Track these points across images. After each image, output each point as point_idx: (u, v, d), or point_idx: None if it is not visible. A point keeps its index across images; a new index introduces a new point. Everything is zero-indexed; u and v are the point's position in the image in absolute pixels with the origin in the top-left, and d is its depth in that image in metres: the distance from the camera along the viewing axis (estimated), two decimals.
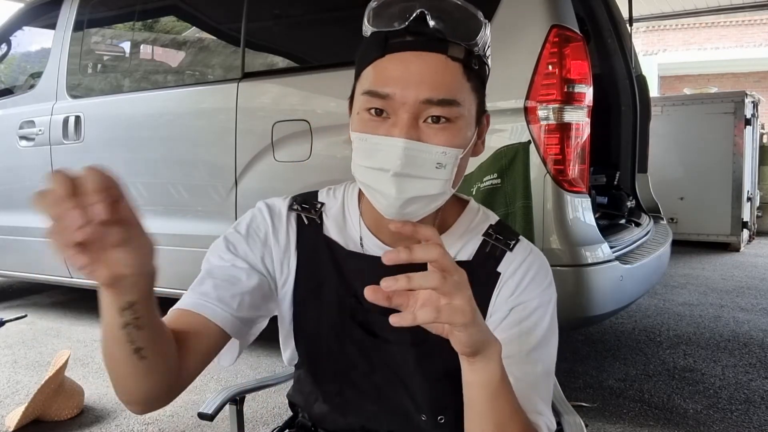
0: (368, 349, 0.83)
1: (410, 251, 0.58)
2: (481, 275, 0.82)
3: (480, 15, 0.74)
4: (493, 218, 0.89)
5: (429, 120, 0.71)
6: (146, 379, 0.67)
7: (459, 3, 0.73)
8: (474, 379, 0.68)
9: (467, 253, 0.84)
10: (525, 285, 0.81)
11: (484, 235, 0.85)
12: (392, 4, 0.73)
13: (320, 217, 0.87)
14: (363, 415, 0.85)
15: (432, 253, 0.58)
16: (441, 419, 0.82)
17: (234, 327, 0.79)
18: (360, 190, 0.82)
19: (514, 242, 0.85)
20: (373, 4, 0.74)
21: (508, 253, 0.83)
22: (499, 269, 0.82)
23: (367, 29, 0.75)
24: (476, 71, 0.74)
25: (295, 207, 0.87)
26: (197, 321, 0.77)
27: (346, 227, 0.86)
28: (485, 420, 0.69)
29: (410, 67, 0.70)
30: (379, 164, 0.72)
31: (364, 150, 0.74)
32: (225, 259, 0.83)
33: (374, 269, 0.67)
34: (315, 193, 0.91)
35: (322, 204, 0.88)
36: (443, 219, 0.84)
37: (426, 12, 0.71)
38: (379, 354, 0.83)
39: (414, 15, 0.71)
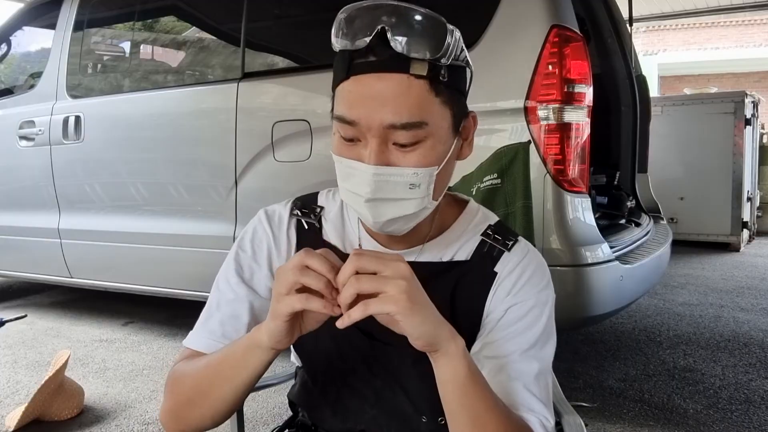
0: (367, 353, 0.83)
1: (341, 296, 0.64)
2: (478, 275, 0.82)
3: (443, 23, 0.70)
4: (493, 219, 0.89)
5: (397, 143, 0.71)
6: (226, 415, 0.77)
7: (422, 12, 0.70)
8: (440, 376, 0.70)
9: (465, 253, 0.84)
10: (521, 285, 0.81)
11: (482, 235, 0.85)
12: (356, 18, 0.70)
13: (319, 221, 0.88)
14: (363, 419, 0.85)
15: (347, 271, 0.63)
16: (441, 421, 0.82)
17: None
18: None
19: (512, 243, 0.85)
20: (340, 16, 0.71)
21: (505, 254, 0.84)
22: (496, 269, 0.83)
23: (335, 44, 0.72)
24: (446, 83, 0.71)
25: (295, 212, 0.88)
26: None
27: (344, 230, 0.87)
28: (459, 416, 0.71)
29: (372, 91, 0.69)
30: (353, 188, 0.73)
31: (341, 171, 0.75)
32: (231, 285, 0.85)
33: None
34: (315, 196, 0.91)
35: (322, 208, 0.89)
36: (441, 220, 0.84)
37: (387, 28, 0.68)
38: (377, 357, 0.83)
39: (375, 32, 0.68)
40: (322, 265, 0.64)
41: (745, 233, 5.75)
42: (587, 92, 1.99)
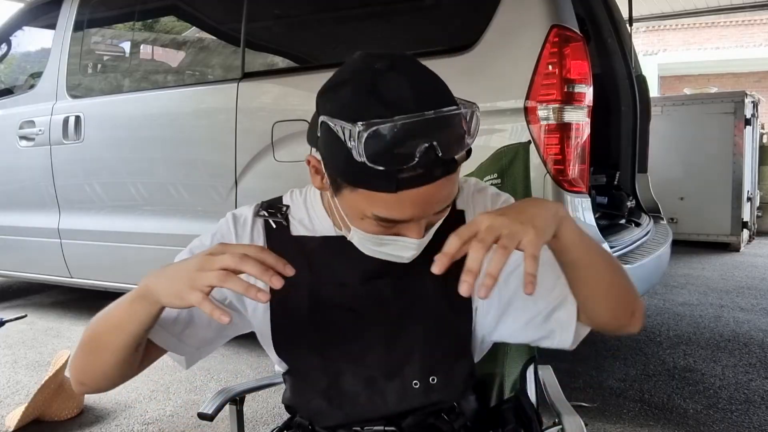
0: (352, 331, 0.85)
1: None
2: (448, 219, 0.83)
3: (474, 112, 0.70)
4: None
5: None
6: (125, 368, 0.81)
7: (455, 113, 0.68)
8: (568, 241, 0.72)
9: None
10: (491, 207, 0.87)
11: None
12: (393, 138, 0.65)
13: (287, 219, 0.89)
14: (358, 404, 0.86)
15: (452, 246, 0.64)
16: (433, 380, 0.85)
17: (177, 348, 0.85)
18: (321, 193, 0.87)
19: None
20: (365, 134, 0.65)
21: (459, 192, 0.89)
22: (459, 208, 0.87)
23: (363, 160, 0.66)
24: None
25: (261, 213, 0.89)
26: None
27: (314, 227, 0.88)
28: (600, 269, 0.76)
29: (424, 197, 0.70)
30: (392, 252, 0.76)
31: (371, 240, 0.76)
32: None
33: (345, 248, 0.79)
34: (279, 198, 0.93)
35: (287, 206, 0.90)
36: None
37: (437, 145, 0.66)
38: (359, 331, 0.85)
39: (423, 151, 0.66)
40: (255, 269, 0.67)
41: (745, 233, 5.74)
42: (587, 92, 1.99)
